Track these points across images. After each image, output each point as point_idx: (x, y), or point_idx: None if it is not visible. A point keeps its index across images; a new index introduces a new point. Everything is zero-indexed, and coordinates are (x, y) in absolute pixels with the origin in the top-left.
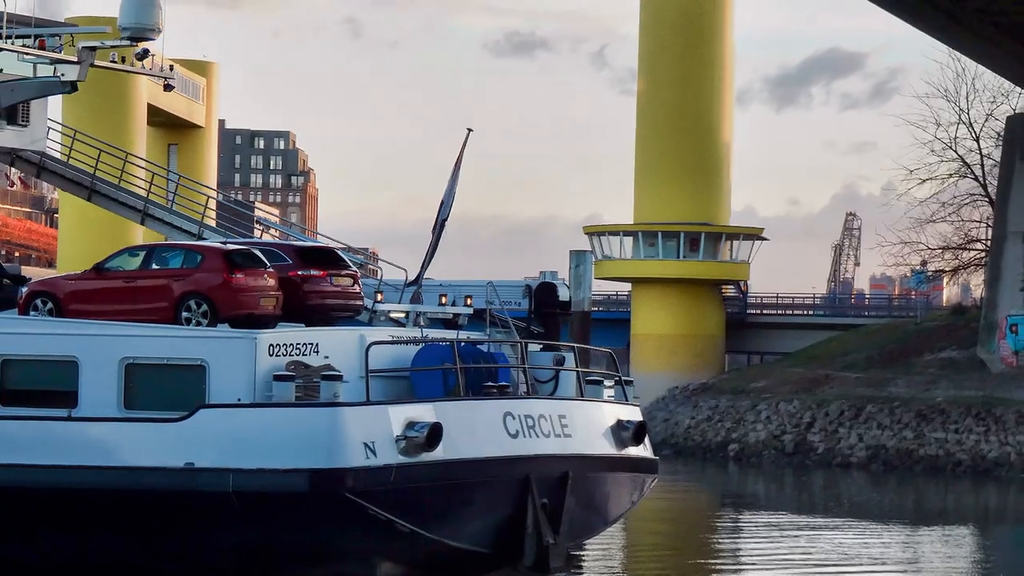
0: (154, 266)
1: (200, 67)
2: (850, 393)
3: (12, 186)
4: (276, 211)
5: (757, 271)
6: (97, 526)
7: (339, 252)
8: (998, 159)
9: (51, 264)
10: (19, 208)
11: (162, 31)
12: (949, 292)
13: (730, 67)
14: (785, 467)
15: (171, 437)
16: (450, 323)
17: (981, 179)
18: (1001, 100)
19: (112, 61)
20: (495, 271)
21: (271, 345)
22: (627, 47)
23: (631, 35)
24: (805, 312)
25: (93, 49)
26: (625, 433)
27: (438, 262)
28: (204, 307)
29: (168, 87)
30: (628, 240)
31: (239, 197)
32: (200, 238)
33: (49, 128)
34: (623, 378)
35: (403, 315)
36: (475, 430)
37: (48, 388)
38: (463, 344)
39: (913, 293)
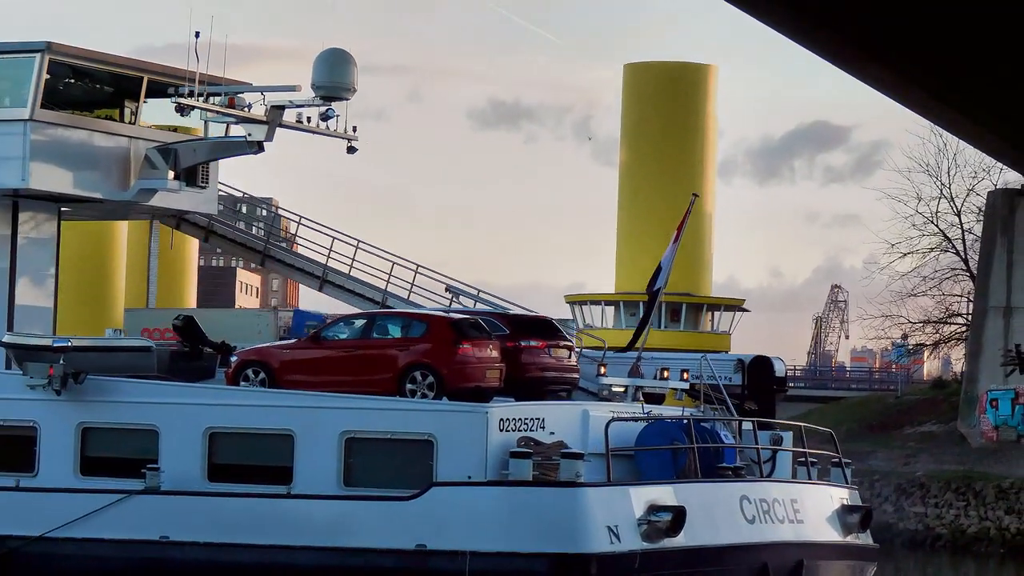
0: (375, 335)
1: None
2: None
3: None
4: (258, 277)
5: (738, 342)
6: None
7: (555, 323)
8: (979, 234)
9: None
10: None
11: (356, 91)
12: (930, 366)
13: (712, 139)
14: None
15: (400, 517)
16: (658, 399)
17: (962, 254)
18: (983, 176)
19: (298, 121)
20: None
21: (502, 420)
22: (611, 117)
23: (615, 105)
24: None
25: (281, 109)
26: (851, 519)
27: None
28: (430, 379)
29: (351, 149)
30: (610, 309)
31: (220, 263)
32: (385, 305)
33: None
34: (843, 460)
35: (623, 389)
36: (713, 514)
37: (260, 463)
38: (685, 422)
39: (894, 366)
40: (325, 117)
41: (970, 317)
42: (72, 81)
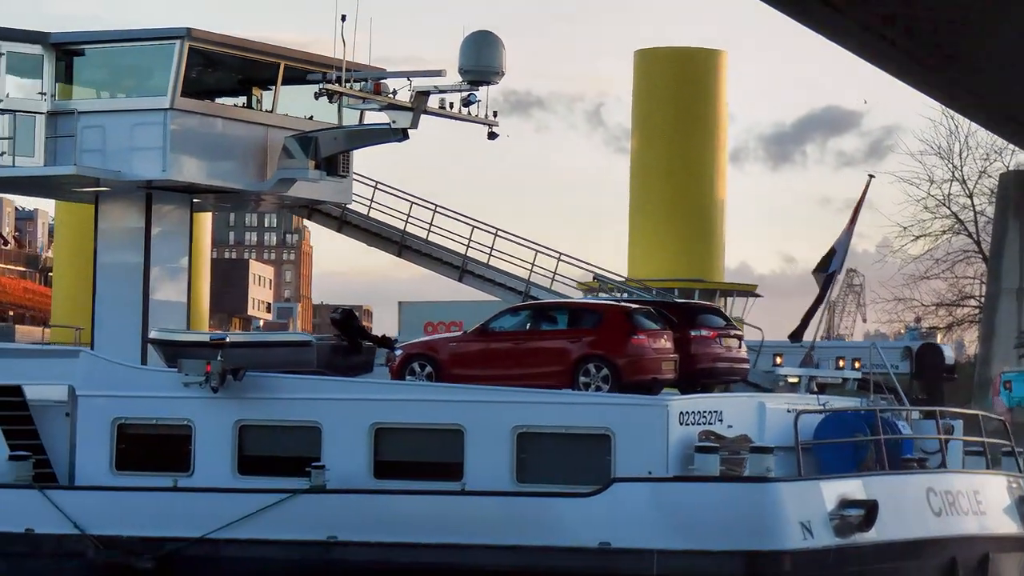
0: (544, 326)
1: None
2: None
3: (6, 244)
4: (271, 269)
5: (750, 328)
6: None
7: (723, 312)
8: (991, 216)
9: (45, 324)
10: (12, 267)
11: (504, 74)
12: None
13: (724, 125)
14: None
15: (582, 514)
16: (824, 388)
17: (975, 236)
18: (994, 157)
19: (440, 107)
20: None
21: (682, 413)
22: (622, 106)
23: (626, 94)
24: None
25: (426, 94)
26: None
27: None
28: (604, 371)
29: (492, 135)
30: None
31: (233, 255)
32: (528, 296)
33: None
34: (1015, 448)
35: (796, 380)
36: (902, 508)
37: (428, 460)
38: (864, 413)
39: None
40: (467, 102)
41: (983, 299)
42: (205, 68)
